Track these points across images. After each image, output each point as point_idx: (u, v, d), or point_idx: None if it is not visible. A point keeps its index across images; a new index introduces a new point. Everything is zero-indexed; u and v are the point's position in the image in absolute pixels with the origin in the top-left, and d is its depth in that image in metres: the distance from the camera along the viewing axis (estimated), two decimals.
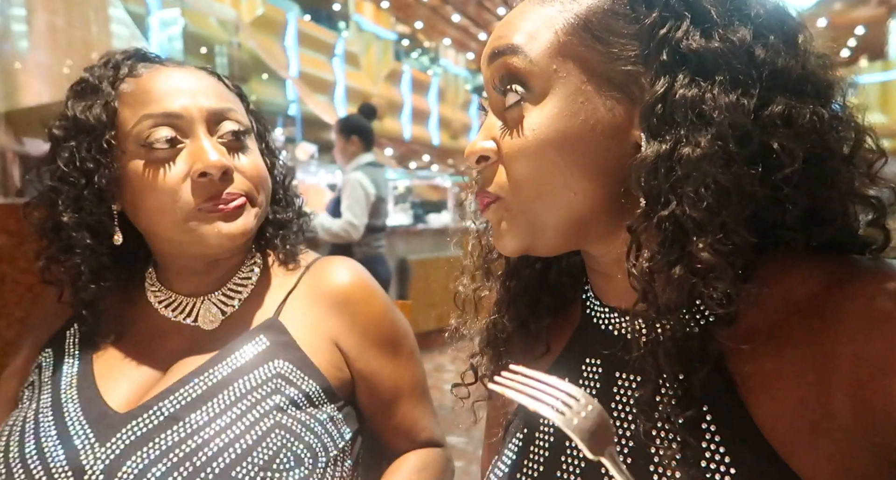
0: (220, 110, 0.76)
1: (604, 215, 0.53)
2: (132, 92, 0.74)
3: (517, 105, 0.53)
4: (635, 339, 0.51)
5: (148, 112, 0.73)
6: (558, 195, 0.52)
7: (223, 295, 0.81)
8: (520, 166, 0.53)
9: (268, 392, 0.72)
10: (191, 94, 0.75)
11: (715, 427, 0.48)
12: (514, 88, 0.52)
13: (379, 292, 0.87)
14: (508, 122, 0.54)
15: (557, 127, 0.50)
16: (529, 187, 0.53)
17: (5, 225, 2.03)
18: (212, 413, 0.69)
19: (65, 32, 3.08)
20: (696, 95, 0.46)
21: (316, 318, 0.81)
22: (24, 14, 2.65)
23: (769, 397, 0.47)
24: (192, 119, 0.74)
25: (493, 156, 0.55)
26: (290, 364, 0.75)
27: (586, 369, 0.59)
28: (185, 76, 0.77)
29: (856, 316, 0.46)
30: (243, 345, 0.76)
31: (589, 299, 0.62)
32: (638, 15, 0.49)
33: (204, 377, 0.73)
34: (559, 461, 0.56)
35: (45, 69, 2.88)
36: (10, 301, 2.02)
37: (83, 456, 0.67)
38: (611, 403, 0.55)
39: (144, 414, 0.70)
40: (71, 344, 0.80)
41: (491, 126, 0.55)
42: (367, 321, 0.83)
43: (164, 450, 0.66)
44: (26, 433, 0.70)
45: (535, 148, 0.51)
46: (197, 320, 0.80)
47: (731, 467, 0.47)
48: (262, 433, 0.69)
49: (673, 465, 0.49)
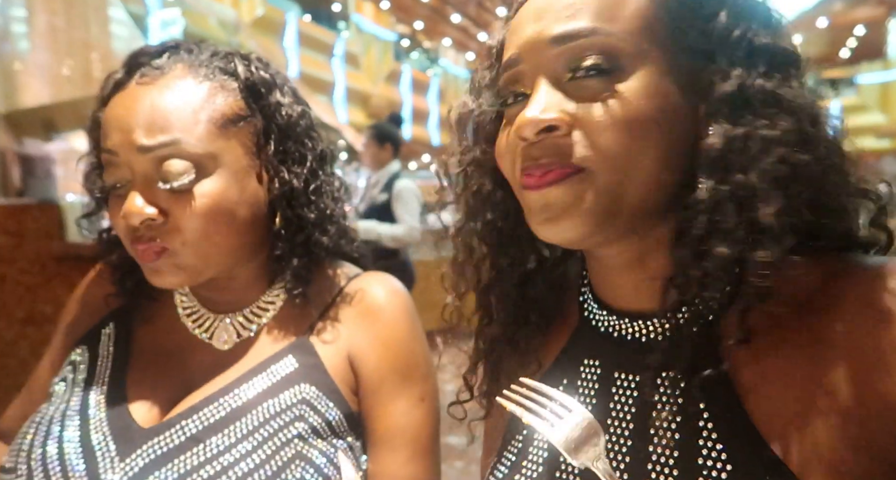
0: (154, 147, 0.67)
1: (656, 205, 0.53)
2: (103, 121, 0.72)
3: (596, 78, 0.51)
4: (655, 337, 0.51)
5: (102, 146, 0.71)
6: (644, 178, 0.50)
7: (243, 317, 0.78)
8: (611, 140, 0.50)
9: (291, 419, 0.69)
10: (125, 128, 0.68)
11: (712, 425, 0.49)
12: (595, 62, 0.51)
13: (411, 318, 0.81)
14: (587, 95, 0.51)
15: (646, 107, 0.50)
16: (619, 163, 0.50)
17: (5, 225, 2.04)
18: (233, 439, 0.67)
19: (65, 33, 3.08)
20: (774, 84, 0.49)
21: (341, 336, 0.78)
22: (24, 14, 2.65)
23: (765, 394, 0.48)
24: (128, 160, 0.68)
25: (565, 127, 0.51)
26: (315, 389, 0.72)
27: (585, 370, 0.59)
28: (128, 102, 0.69)
29: (852, 314, 0.46)
30: (271, 365, 0.74)
31: (587, 300, 0.62)
32: (711, 13, 0.51)
33: (228, 397, 0.71)
34: (557, 462, 0.57)
35: (45, 69, 2.89)
36: (10, 301, 2.03)
37: (102, 469, 0.66)
38: (609, 403, 0.56)
39: (167, 432, 0.68)
40: (105, 346, 0.79)
41: (553, 98, 0.52)
42: (385, 344, 0.77)
43: (183, 473, 0.65)
44: (51, 435, 0.70)
45: (626, 123, 0.49)
46: (212, 338, 0.77)
47: (728, 464, 0.47)
48: (283, 463, 0.66)
49: (671, 463, 0.49)
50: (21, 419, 0.77)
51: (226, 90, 0.72)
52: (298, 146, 0.77)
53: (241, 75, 0.74)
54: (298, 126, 0.77)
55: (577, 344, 0.62)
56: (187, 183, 0.67)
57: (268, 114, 0.75)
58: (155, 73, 0.70)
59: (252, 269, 0.78)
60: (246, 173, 0.73)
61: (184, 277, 0.71)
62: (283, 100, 0.76)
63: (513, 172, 0.55)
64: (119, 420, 0.70)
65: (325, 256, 0.80)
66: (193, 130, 0.68)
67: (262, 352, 0.75)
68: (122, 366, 0.76)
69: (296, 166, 0.76)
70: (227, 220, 0.70)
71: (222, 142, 0.70)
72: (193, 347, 0.77)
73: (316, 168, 0.78)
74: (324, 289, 0.80)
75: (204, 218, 0.68)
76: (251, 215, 0.73)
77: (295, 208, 0.76)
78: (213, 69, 0.73)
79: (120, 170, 0.69)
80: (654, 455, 0.50)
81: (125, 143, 0.67)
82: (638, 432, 0.52)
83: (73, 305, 0.88)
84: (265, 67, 0.78)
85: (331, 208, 0.79)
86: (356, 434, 0.74)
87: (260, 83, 0.75)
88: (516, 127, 0.52)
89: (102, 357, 0.78)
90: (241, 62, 0.75)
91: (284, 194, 0.75)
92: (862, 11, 15.46)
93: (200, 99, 0.70)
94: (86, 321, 0.84)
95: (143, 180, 0.68)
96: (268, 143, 0.75)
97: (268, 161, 0.75)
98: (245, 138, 0.73)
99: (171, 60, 0.72)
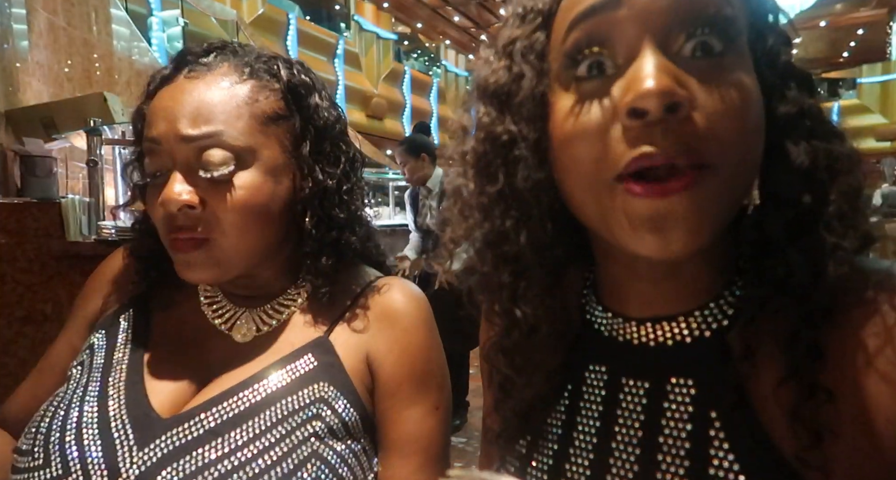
0: (197, 137, 0.70)
1: None
2: (148, 113, 0.75)
3: (711, 57, 0.44)
4: (665, 342, 0.51)
5: (145, 135, 0.73)
6: (755, 169, 0.47)
7: (264, 312, 0.79)
8: (732, 124, 0.43)
9: (309, 417, 0.70)
10: (170, 118, 0.70)
11: (724, 434, 0.47)
12: (714, 40, 0.44)
13: (430, 326, 0.81)
14: (691, 72, 0.43)
15: (750, 93, 0.45)
16: (737, 150, 0.43)
17: (5, 224, 2.04)
18: (251, 434, 0.68)
19: (65, 32, 3.08)
20: (813, 103, 0.49)
21: (360, 337, 0.78)
22: (24, 14, 2.65)
23: (780, 403, 0.46)
24: (170, 149, 0.71)
25: (687, 105, 0.42)
26: (334, 389, 0.73)
27: (590, 376, 0.58)
28: (175, 94, 0.72)
29: (864, 325, 0.46)
30: (291, 362, 0.74)
31: (589, 304, 0.61)
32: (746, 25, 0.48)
33: (248, 392, 0.71)
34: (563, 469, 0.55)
35: (45, 69, 2.89)
36: (11, 301, 2.02)
37: (120, 457, 0.66)
38: (616, 410, 0.54)
39: (186, 423, 0.69)
40: (124, 332, 0.80)
41: (668, 68, 0.43)
42: (404, 349, 0.78)
43: (200, 466, 0.65)
44: (69, 419, 0.70)
45: (741, 109, 0.43)
46: (231, 329, 0.78)
47: (741, 474, 0.46)
48: (300, 461, 0.66)
49: (681, 473, 0.48)
50: (30, 400, 0.78)
51: (268, 90, 0.76)
52: (333, 148, 0.80)
53: (283, 77, 0.77)
54: (334, 130, 0.80)
55: (581, 349, 0.60)
56: (227, 173, 0.70)
57: (306, 115, 0.78)
58: (202, 69, 0.74)
59: (277, 266, 0.80)
60: (282, 170, 0.75)
61: (216, 272, 0.72)
62: (322, 103, 0.80)
63: (604, 161, 0.45)
64: (138, 408, 0.70)
65: (352, 257, 0.82)
66: (236, 123, 0.71)
67: (281, 348, 0.76)
68: (140, 353, 0.77)
69: (329, 167, 0.79)
70: (262, 214, 0.73)
71: (262, 138, 0.73)
72: (212, 336, 0.78)
73: (349, 170, 0.81)
74: (345, 290, 0.81)
75: (240, 210, 0.71)
76: (284, 213, 0.76)
77: (326, 208, 0.78)
78: (257, 69, 0.76)
79: (162, 159, 0.71)
80: (664, 463, 0.49)
81: (170, 132, 0.70)
82: (647, 440, 0.51)
83: (92, 289, 0.88)
84: (306, 71, 0.81)
85: (360, 209, 0.82)
86: (371, 436, 0.75)
87: (300, 86, 0.78)
88: (634, 98, 0.42)
89: (121, 343, 0.78)
90: (283, 65, 0.79)
91: (317, 194, 0.77)
92: (862, 13, 15.46)
93: (244, 95, 0.73)
94: (104, 306, 0.85)
95: (185, 169, 0.70)
96: (304, 143, 0.77)
97: (303, 160, 0.77)
98: (283, 137, 0.76)
99: (218, 59, 0.75)
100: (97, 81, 3.26)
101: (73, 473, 0.66)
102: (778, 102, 0.48)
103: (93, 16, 3.26)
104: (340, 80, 12.61)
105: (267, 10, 10.71)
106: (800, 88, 0.49)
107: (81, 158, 2.57)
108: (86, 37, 3.19)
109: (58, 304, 2.01)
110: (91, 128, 2.30)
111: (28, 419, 0.74)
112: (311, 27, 12.23)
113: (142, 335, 0.79)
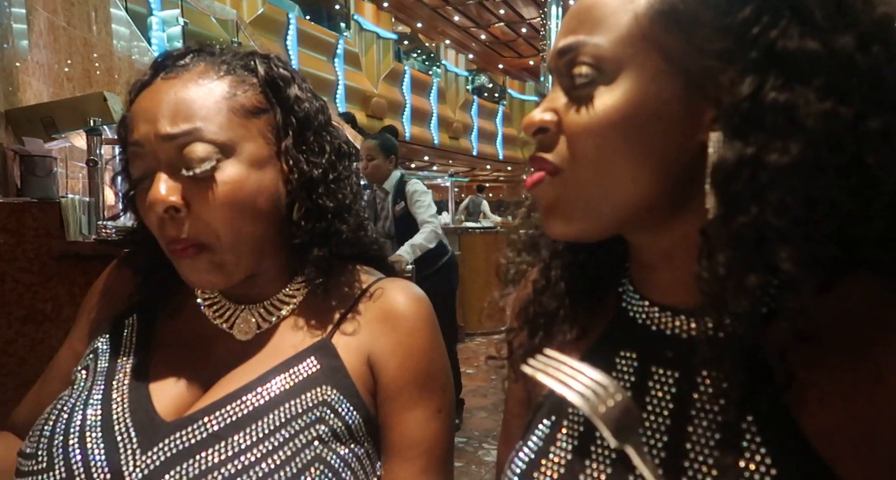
0: (177, 135, 0.70)
1: (657, 207, 0.52)
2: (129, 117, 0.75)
3: (588, 86, 0.52)
4: (701, 338, 0.50)
5: (128, 140, 0.73)
6: (616, 179, 0.51)
7: (264, 309, 0.79)
8: (583, 144, 0.52)
9: (312, 420, 0.70)
10: (150, 118, 0.71)
11: (756, 429, 0.47)
12: (584, 71, 0.52)
13: (433, 328, 0.81)
14: (577, 99, 0.53)
15: (626, 111, 0.50)
16: (589, 166, 0.52)
17: (5, 223, 2.03)
18: (255, 438, 0.68)
19: (65, 32, 3.07)
20: (789, 98, 0.44)
21: (362, 339, 0.78)
22: (24, 14, 2.65)
23: (819, 404, 0.46)
24: (153, 150, 0.71)
25: (553, 128, 0.54)
26: (337, 392, 0.73)
27: (620, 361, 0.58)
28: (153, 96, 0.72)
29: None
30: (294, 365, 0.74)
31: (626, 291, 0.61)
32: (731, 7, 0.46)
33: (251, 395, 0.71)
34: (588, 450, 0.56)
35: (45, 69, 2.89)
36: (11, 301, 2.02)
37: (123, 461, 0.67)
38: (645, 397, 0.55)
39: (189, 427, 0.69)
40: (128, 336, 0.80)
41: (554, 99, 0.55)
42: (407, 351, 0.77)
43: (203, 470, 0.65)
44: (73, 423, 0.70)
45: (600, 128, 0.51)
46: (233, 327, 0.79)
47: (773, 468, 0.46)
48: (303, 465, 0.66)
49: (710, 463, 0.48)
50: (35, 407, 0.78)
51: (246, 84, 0.76)
52: (317, 138, 0.80)
53: (260, 71, 0.78)
54: (317, 120, 0.81)
55: (613, 334, 0.61)
56: (209, 169, 0.70)
57: (286, 107, 0.78)
58: (179, 70, 0.74)
59: (274, 264, 0.80)
60: (265, 164, 0.75)
61: (222, 276, 0.72)
62: (301, 94, 0.80)
63: None
64: (142, 412, 0.70)
65: (345, 248, 0.81)
66: (215, 118, 0.71)
67: (284, 350, 0.76)
68: (144, 357, 0.77)
69: (314, 157, 0.79)
70: (248, 208, 0.73)
71: (243, 131, 0.73)
72: (215, 339, 0.78)
73: (335, 160, 0.81)
74: (346, 291, 0.81)
75: (225, 207, 0.71)
76: (271, 206, 0.76)
77: (314, 198, 0.78)
78: (233, 66, 0.77)
79: (146, 161, 0.72)
80: (693, 452, 0.49)
81: (150, 132, 0.70)
82: (675, 428, 0.51)
83: (95, 295, 0.89)
84: (283, 64, 0.81)
85: (349, 198, 0.82)
86: (374, 439, 0.75)
87: (278, 78, 0.79)
88: (523, 125, 0.56)
89: (125, 347, 0.78)
90: (260, 60, 0.79)
91: (303, 185, 0.77)
92: None
93: (221, 91, 0.73)
94: (108, 311, 0.85)
95: (168, 169, 0.70)
96: (287, 135, 0.77)
97: (287, 152, 0.77)
98: (265, 130, 0.76)
99: (195, 60, 0.76)
100: (97, 81, 3.25)
101: (76, 476, 0.65)
102: (729, 91, 0.48)
103: (93, 15, 3.26)
104: (340, 79, 12.60)
105: (267, 9, 10.70)
106: (766, 72, 0.45)
107: (81, 158, 2.57)
108: (86, 36, 3.18)
109: (58, 304, 2.01)
110: (91, 127, 2.30)
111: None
112: (311, 27, 12.21)
113: (145, 339, 0.80)
